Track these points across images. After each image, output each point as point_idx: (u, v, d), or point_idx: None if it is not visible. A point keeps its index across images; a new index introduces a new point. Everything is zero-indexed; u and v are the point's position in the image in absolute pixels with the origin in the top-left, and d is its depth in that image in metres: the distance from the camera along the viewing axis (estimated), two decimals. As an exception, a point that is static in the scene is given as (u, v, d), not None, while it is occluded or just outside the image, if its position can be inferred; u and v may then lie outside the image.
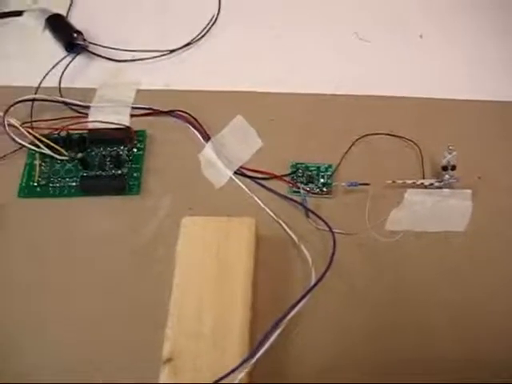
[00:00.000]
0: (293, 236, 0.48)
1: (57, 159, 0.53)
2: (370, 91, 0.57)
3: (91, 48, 0.61)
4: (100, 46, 0.61)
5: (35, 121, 0.55)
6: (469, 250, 0.49)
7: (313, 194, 0.51)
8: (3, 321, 0.46)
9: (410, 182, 0.51)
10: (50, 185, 0.52)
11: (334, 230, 0.47)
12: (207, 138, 0.54)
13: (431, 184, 0.51)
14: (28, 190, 0.52)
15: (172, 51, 0.61)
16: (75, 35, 0.60)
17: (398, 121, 0.55)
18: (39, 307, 0.47)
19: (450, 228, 0.50)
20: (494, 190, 0.52)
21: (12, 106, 0.53)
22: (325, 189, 0.51)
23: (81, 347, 0.45)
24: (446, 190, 0.51)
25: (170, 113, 0.56)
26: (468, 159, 0.52)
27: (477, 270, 0.48)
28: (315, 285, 0.42)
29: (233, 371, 0.40)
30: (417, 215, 0.50)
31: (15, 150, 0.54)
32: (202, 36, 0.62)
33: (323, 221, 0.48)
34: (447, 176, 0.51)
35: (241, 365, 0.40)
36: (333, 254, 0.44)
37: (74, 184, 0.52)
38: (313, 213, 0.49)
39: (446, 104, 0.57)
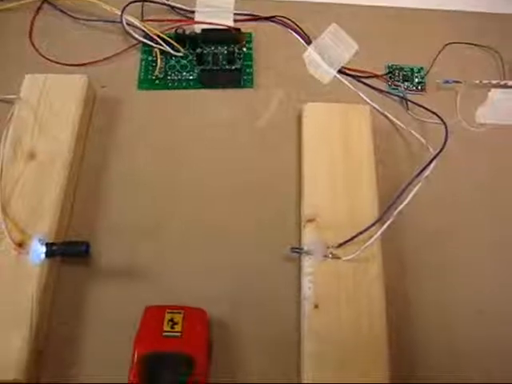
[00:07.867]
0: (400, 124, 0.54)
1: (172, 55, 0.57)
2: (449, 6, 0.63)
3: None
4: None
5: (148, 20, 0.58)
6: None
7: (409, 91, 0.57)
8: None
9: (494, 82, 0.58)
10: (168, 77, 0.56)
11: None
12: (308, 41, 0.59)
13: (513, 84, 0.58)
14: (148, 83, 0.56)
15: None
16: None
17: (477, 32, 0.61)
18: (189, 195, 0.51)
19: (530, 122, 0.57)
20: None
21: (128, 5, 0.57)
22: (419, 87, 0.58)
23: (215, 220, 0.50)
24: (525, 90, 0.58)
25: (270, 18, 0.61)
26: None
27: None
28: (437, 154, 0.48)
29: (368, 228, 0.46)
30: (500, 110, 0.57)
31: (130, 46, 0.58)
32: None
33: (432, 112, 0.54)
34: (527, 77, 0.57)
35: (374, 224, 0.47)
36: (446, 135, 0.50)
37: (191, 77, 0.56)
38: (421, 106, 0.55)
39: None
